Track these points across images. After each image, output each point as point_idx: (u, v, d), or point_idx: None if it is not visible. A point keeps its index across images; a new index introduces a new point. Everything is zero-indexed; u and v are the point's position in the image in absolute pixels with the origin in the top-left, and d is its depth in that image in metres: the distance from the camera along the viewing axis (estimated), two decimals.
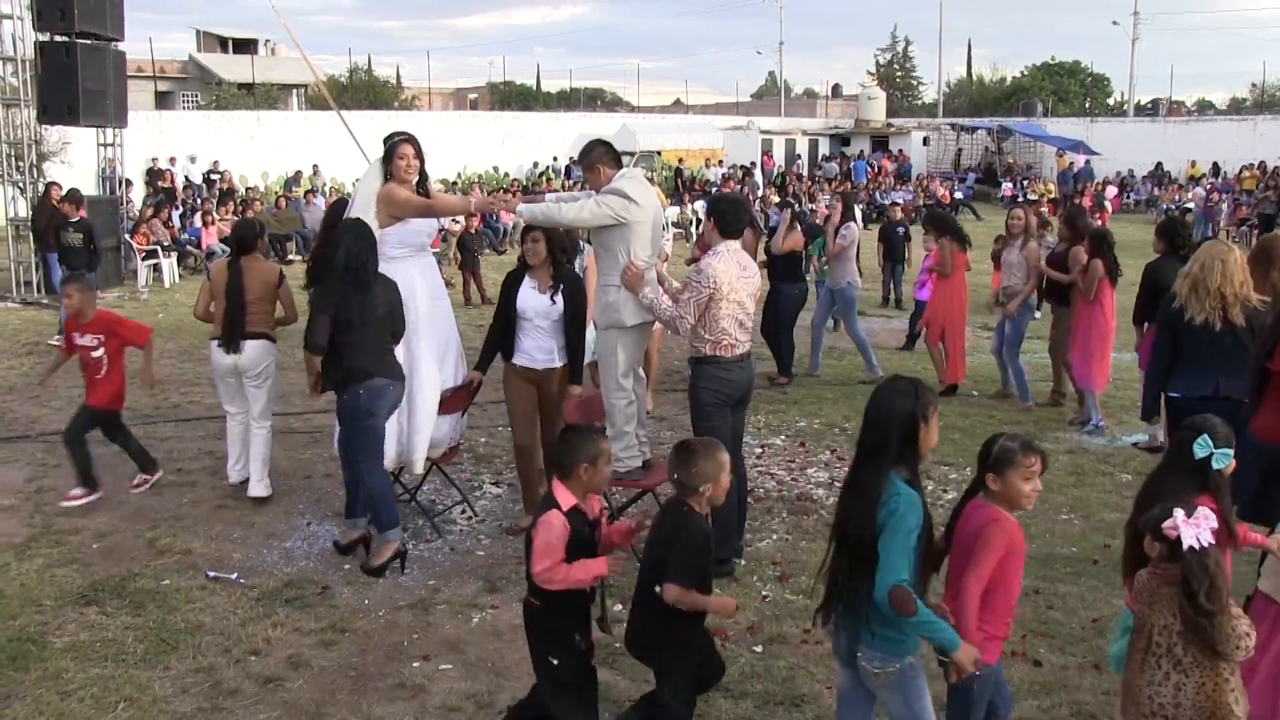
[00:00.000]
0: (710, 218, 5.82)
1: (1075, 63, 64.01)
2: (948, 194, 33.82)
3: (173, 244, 18.62)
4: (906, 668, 3.45)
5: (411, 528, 6.50)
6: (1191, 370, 5.79)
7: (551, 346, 6.23)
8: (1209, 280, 5.63)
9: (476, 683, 4.66)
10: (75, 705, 4.41)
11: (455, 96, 64.06)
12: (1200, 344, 5.68)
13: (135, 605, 5.36)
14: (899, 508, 3.33)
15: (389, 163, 6.13)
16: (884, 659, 3.43)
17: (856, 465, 3.51)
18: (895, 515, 3.32)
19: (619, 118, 43.18)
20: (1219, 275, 5.59)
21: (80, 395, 9.79)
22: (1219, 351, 5.64)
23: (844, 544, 3.49)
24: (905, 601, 3.24)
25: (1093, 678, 4.71)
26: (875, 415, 3.46)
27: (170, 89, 49.15)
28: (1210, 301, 5.63)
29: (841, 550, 3.50)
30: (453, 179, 31.58)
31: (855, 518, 3.41)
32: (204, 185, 26.91)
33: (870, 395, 3.56)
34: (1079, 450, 8.27)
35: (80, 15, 14.98)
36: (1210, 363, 5.68)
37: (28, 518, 6.65)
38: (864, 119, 46.69)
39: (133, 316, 14.22)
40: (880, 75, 70.37)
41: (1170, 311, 5.81)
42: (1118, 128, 42.77)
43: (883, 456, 3.40)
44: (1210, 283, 5.62)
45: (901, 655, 3.44)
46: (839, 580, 3.50)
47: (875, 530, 3.34)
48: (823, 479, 7.50)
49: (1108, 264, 8.65)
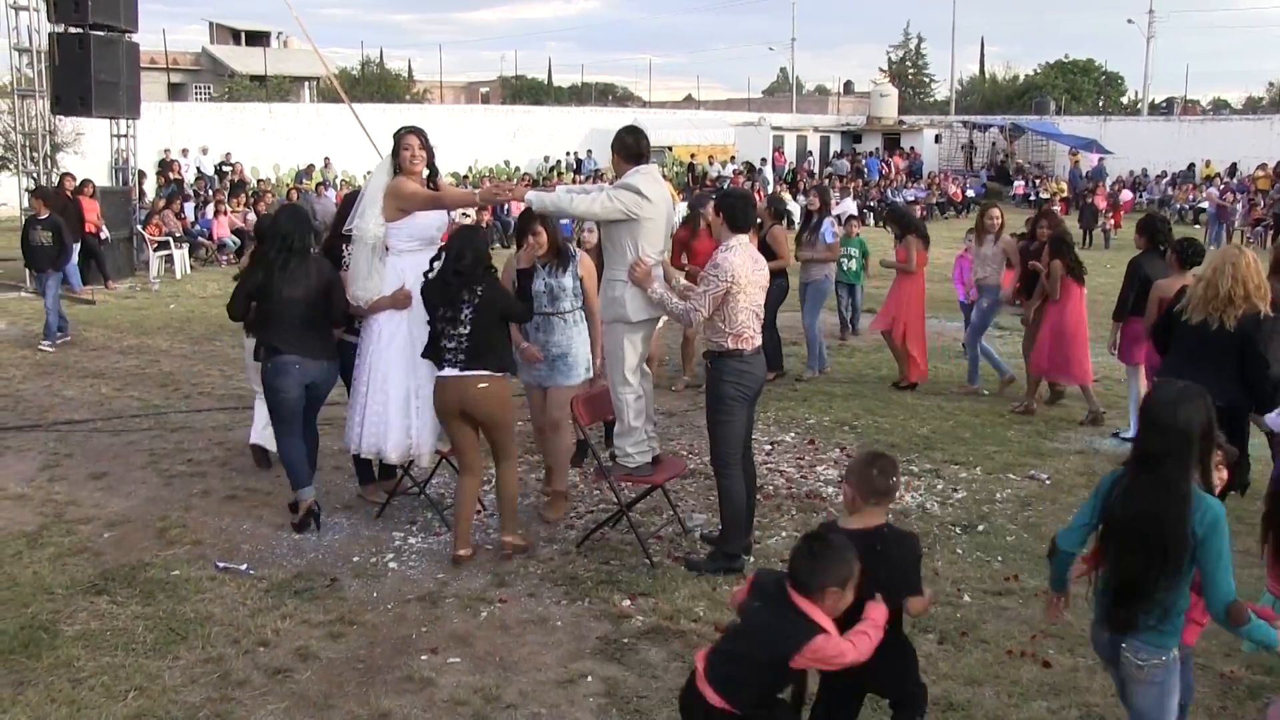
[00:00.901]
0: (719, 213, 5.82)
1: (1089, 61, 63.78)
2: (960, 192, 33.77)
3: (184, 235, 18.67)
4: (1171, 662, 3.50)
5: (420, 520, 6.52)
6: (1173, 364, 5.98)
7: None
8: (1220, 283, 5.76)
9: (484, 676, 4.66)
10: (86, 693, 4.43)
11: (467, 90, 64.03)
12: (1188, 341, 5.88)
13: (145, 595, 5.38)
14: (1217, 521, 3.36)
15: (395, 155, 6.15)
16: (1150, 652, 3.47)
17: (1148, 469, 3.45)
18: (1216, 529, 3.35)
19: (630, 113, 43.14)
20: (1229, 278, 5.72)
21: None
22: (1206, 352, 5.79)
23: (1134, 544, 3.46)
24: (1240, 614, 3.36)
25: (1103, 679, 4.69)
26: (1166, 421, 3.42)
27: (183, 81, 49.20)
28: (1216, 304, 5.77)
29: (1129, 549, 3.47)
30: (464, 173, 31.58)
31: (1162, 521, 3.38)
32: (215, 177, 26.95)
33: (1155, 400, 3.51)
34: (1089, 451, 8.25)
35: (94, 7, 15.05)
36: (1193, 361, 5.76)
37: (39, 506, 6.68)
38: (876, 116, 46.56)
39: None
40: (892, 72, 70.14)
41: (1173, 310, 6.02)
42: (1131, 126, 42.58)
43: (1180, 463, 3.39)
44: (1221, 285, 5.75)
45: (1168, 649, 3.49)
46: (1126, 579, 3.48)
47: (1185, 536, 3.35)
48: (832, 476, 7.49)
49: (1067, 264, 8.92)
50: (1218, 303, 5.78)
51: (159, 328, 12.90)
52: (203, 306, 14.43)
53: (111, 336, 12.30)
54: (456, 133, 31.57)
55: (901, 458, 7.93)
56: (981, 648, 4.99)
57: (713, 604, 5.37)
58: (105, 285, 15.79)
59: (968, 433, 8.65)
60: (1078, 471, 7.71)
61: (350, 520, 6.48)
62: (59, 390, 9.67)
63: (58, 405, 9.16)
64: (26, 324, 12.84)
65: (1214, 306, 5.79)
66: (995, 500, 7.08)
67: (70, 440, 8.13)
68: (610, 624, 5.17)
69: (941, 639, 5.06)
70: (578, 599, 5.44)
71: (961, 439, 8.48)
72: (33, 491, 6.96)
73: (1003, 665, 4.83)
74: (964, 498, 7.13)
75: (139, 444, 8.05)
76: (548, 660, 4.83)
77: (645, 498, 6.56)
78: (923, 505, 6.96)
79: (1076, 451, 8.23)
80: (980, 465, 7.80)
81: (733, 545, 5.80)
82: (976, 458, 7.98)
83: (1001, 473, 7.65)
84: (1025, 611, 5.38)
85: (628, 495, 6.25)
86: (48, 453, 7.80)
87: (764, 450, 8.00)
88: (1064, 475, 7.63)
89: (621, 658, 4.83)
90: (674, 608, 5.32)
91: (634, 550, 6.00)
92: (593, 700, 4.49)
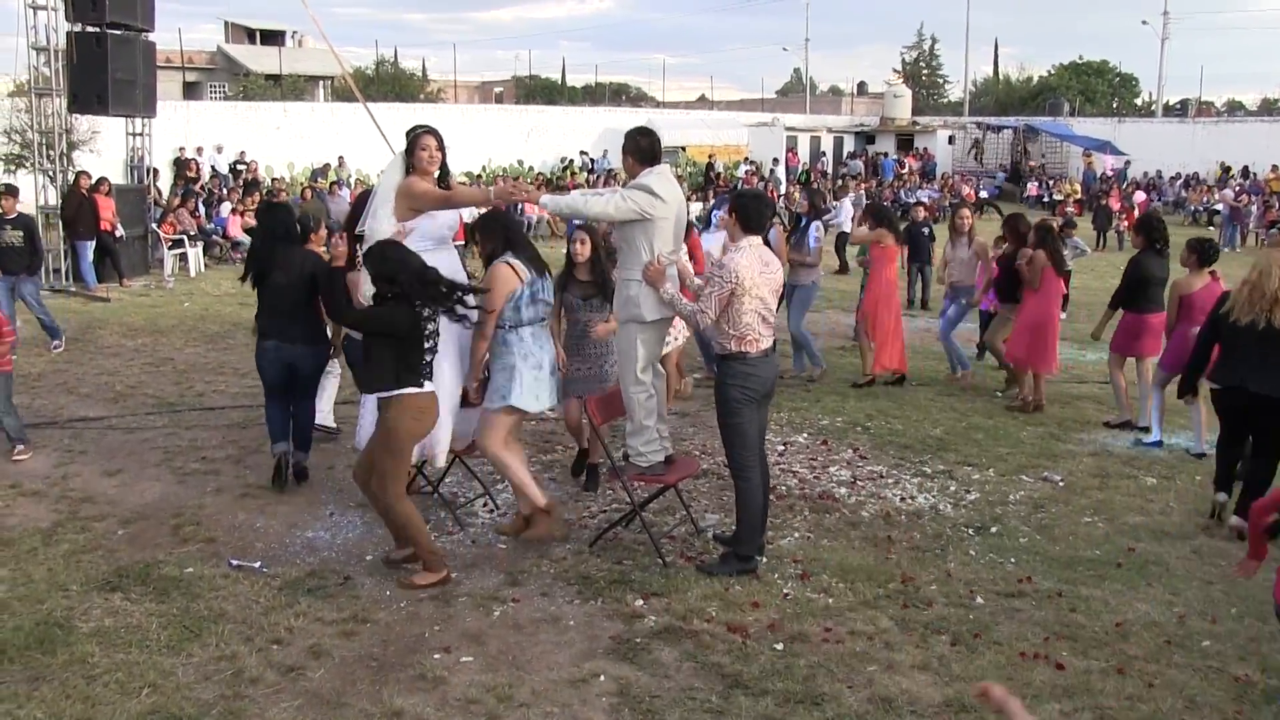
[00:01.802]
0: (733, 213, 5.82)
1: (1103, 62, 63.55)
2: (973, 193, 33.66)
3: (199, 233, 18.74)
4: None
5: (434, 520, 6.53)
6: (1226, 363, 6.51)
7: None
8: (1266, 284, 6.25)
9: (497, 675, 4.67)
10: (100, 689, 4.45)
11: (480, 90, 64.10)
12: (1240, 340, 6.34)
13: (159, 592, 5.40)
14: None
15: (411, 154, 6.15)
16: None
17: None
18: None
19: (644, 113, 43.16)
20: (1275, 280, 6.21)
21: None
22: (1261, 349, 6.25)
23: None
24: None
25: (1116, 682, 4.68)
26: None
27: (198, 79, 49.35)
28: (1263, 304, 6.24)
29: None
30: (477, 172, 31.63)
31: None
32: (230, 175, 27.04)
33: None
34: (1103, 453, 8.22)
35: (111, 6, 15.10)
36: (1244, 358, 6.35)
37: (54, 503, 6.71)
38: (889, 117, 46.48)
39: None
40: (906, 73, 69.99)
41: (1219, 313, 6.52)
42: (1145, 128, 42.36)
43: None
44: (1267, 286, 6.24)
45: None
46: None
47: None
48: (844, 477, 7.48)
49: (1050, 253, 9.26)
50: (1264, 302, 6.24)
51: (173, 325, 12.95)
52: (217, 304, 14.48)
53: (126, 334, 12.34)
54: (470, 132, 31.63)
55: (914, 459, 7.92)
56: (994, 649, 4.97)
57: (725, 604, 5.37)
58: (120, 283, 15.86)
59: (980, 434, 8.63)
60: (1091, 473, 7.68)
61: (364, 518, 6.49)
62: (74, 387, 9.71)
63: (72, 403, 9.20)
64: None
65: (1261, 306, 6.26)
66: (1008, 502, 7.06)
67: (85, 437, 8.17)
68: (623, 624, 5.17)
69: (954, 640, 5.04)
70: (590, 598, 5.44)
71: (974, 440, 8.45)
72: (48, 488, 7.00)
73: (1016, 667, 4.81)
74: (977, 499, 7.11)
75: (153, 441, 8.08)
76: (560, 659, 4.83)
77: (658, 497, 6.55)
78: (935, 506, 6.94)
79: (1090, 453, 8.20)
80: (993, 467, 7.78)
81: (748, 547, 5.80)
82: (989, 459, 7.96)
83: (1014, 474, 7.63)
84: (1038, 613, 5.36)
85: (640, 495, 6.25)
86: (62, 450, 7.84)
87: (777, 451, 7.99)
88: (1077, 477, 7.60)
89: (634, 657, 4.83)
90: (687, 608, 5.31)
91: (647, 550, 6.00)
92: (605, 700, 4.49)
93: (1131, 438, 8.57)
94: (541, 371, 6.04)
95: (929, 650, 4.96)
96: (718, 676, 4.68)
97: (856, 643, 5.01)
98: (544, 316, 6.15)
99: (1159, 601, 5.55)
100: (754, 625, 5.15)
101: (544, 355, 6.07)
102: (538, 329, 6.07)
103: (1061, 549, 6.26)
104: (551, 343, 6.30)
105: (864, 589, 5.61)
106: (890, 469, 7.71)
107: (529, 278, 5.98)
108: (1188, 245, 8.26)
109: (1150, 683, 4.68)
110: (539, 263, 6.11)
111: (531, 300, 5.99)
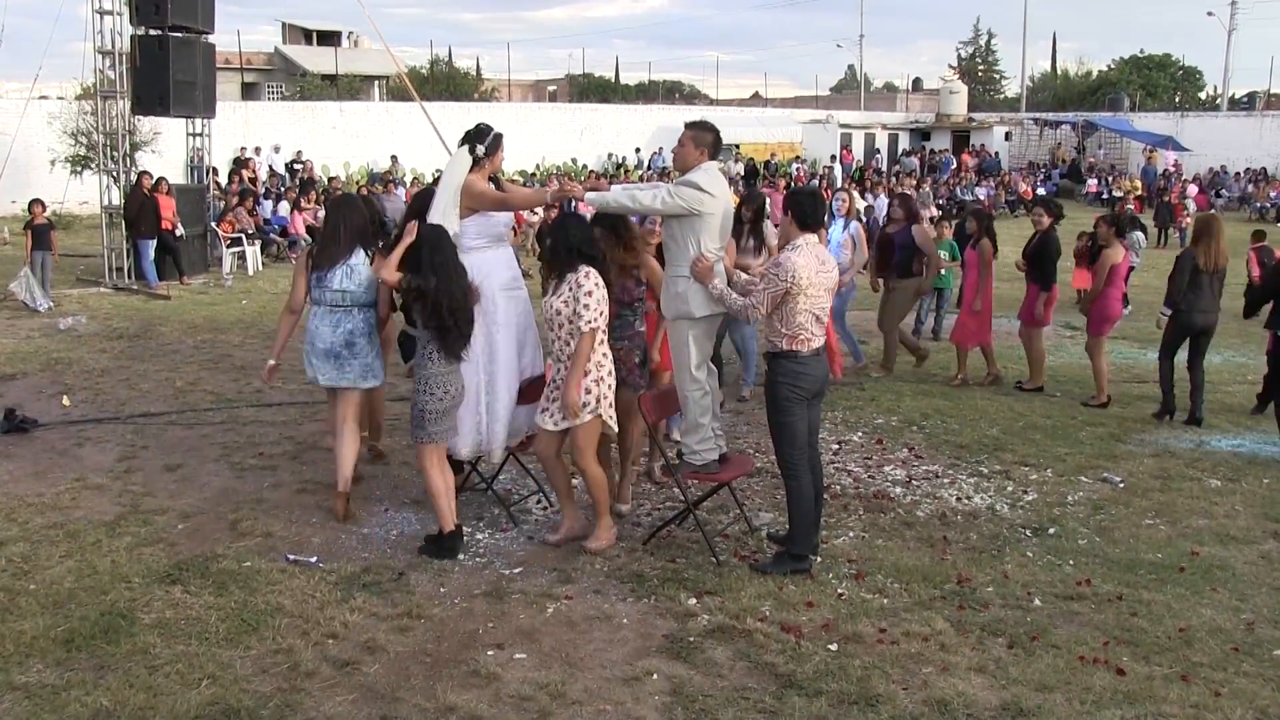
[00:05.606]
0: (788, 211, 5.77)
1: (1165, 55, 62.26)
2: (1030, 190, 33.19)
3: (257, 232, 19.00)
4: None
5: (487, 516, 6.56)
6: None
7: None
8: None
9: (550, 673, 4.67)
10: (162, 680, 4.52)
11: (534, 88, 64.36)
12: None
13: (218, 585, 5.48)
14: None
15: (492, 155, 6.19)
16: None
17: None
18: None
19: (697, 110, 43.09)
20: None
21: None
22: None
23: None
24: None
25: (1180, 689, 4.58)
26: None
27: (256, 80, 50.11)
28: None
29: None
30: (531, 170, 31.76)
31: None
32: (287, 174, 27.41)
33: None
34: (1164, 454, 8.06)
35: (173, 9, 15.35)
36: None
37: (116, 496, 6.84)
38: (945, 113, 46.01)
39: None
40: (962, 69, 69.27)
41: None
42: (1209, 122, 41.38)
43: None
44: None
45: None
46: None
47: None
48: (899, 476, 7.40)
49: (994, 243, 10.36)
50: None
51: (231, 323, 13.15)
52: (274, 303, 14.65)
53: (186, 331, 12.55)
54: (524, 131, 31.78)
55: (970, 458, 7.82)
56: (1052, 653, 4.89)
57: (779, 603, 5.33)
58: (180, 281, 16.12)
59: (1038, 434, 8.49)
60: (1153, 475, 7.53)
61: (419, 515, 6.53)
62: (135, 383, 9.88)
63: (134, 398, 9.36)
64: (106, 319, 13.16)
65: None
66: (1066, 503, 6.95)
67: (146, 433, 8.31)
68: (676, 622, 5.15)
69: (1011, 643, 4.97)
70: (644, 596, 5.43)
71: (1032, 440, 8.33)
72: (110, 482, 7.12)
73: (1074, 671, 4.72)
74: (1034, 500, 7.00)
75: (212, 437, 8.20)
76: (613, 657, 4.83)
77: (712, 496, 6.53)
78: (992, 507, 6.84)
79: (1151, 454, 8.04)
80: (1051, 467, 7.66)
81: (800, 546, 5.75)
82: (1047, 459, 7.83)
83: (1073, 475, 7.50)
84: (1098, 617, 5.27)
85: (694, 493, 6.23)
86: (125, 444, 7.98)
87: (831, 450, 7.93)
88: (1138, 478, 7.46)
89: (687, 656, 4.81)
90: (740, 607, 5.28)
91: (700, 548, 5.98)
92: (658, 698, 4.48)
93: (1194, 438, 8.40)
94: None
95: (985, 653, 4.89)
96: (771, 676, 4.65)
97: (911, 644, 4.95)
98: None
99: (1225, 607, 5.43)
100: (808, 625, 5.11)
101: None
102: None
103: (1122, 551, 6.14)
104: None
105: (919, 590, 5.54)
106: (946, 468, 7.62)
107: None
108: (1104, 220, 9.81)
109: (1217, 691, 4.57)
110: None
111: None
